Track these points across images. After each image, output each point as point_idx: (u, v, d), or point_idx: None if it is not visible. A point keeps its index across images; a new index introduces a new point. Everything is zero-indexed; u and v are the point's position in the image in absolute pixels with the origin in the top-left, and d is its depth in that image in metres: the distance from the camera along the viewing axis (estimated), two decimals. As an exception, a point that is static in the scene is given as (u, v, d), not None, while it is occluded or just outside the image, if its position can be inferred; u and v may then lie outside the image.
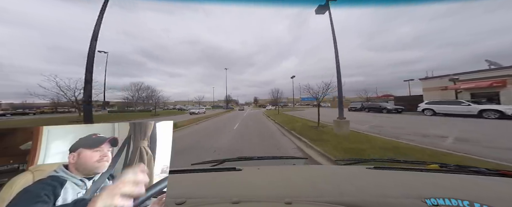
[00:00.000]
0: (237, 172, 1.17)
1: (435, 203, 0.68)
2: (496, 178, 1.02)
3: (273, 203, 0.74)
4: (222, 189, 0.95)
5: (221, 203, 0.75)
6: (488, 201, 0.66)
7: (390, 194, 0.82)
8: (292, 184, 0.99)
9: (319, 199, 0.77)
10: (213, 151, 5.63)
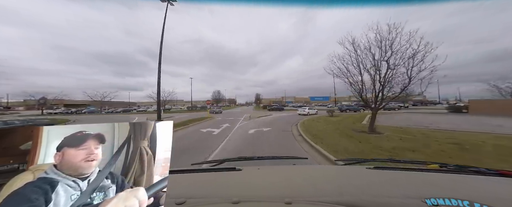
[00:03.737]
0: (237, 172, 1.17)
1: (435, 203, 0.68)
2: (496, 178, 1.02)
3: (273, 203, 0.74)
4: (222, 189, 0.95)
5: (221, 203, 0.75)
6: (488, 201, 0.66)
7: (390, 194, 0.82)
8: (292, 184, 0.99)
9: (319, 199, 0.77)
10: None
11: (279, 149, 6.48)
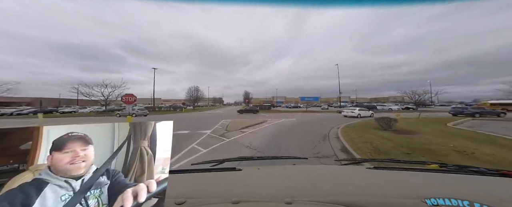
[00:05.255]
0: (237, 172, 1.17)
1: (435, 203, 0.69)
2: (496, 178, 1.02)
3: (273, 203, 0.74)
4: (222, 189, 0.95)
5: (221, 203, 0.75)
6: (488, 201, 0.66)
7: (390, 194, 0.82)
8: (292, 184, 0.99)
9: (319, 199, 0.77)
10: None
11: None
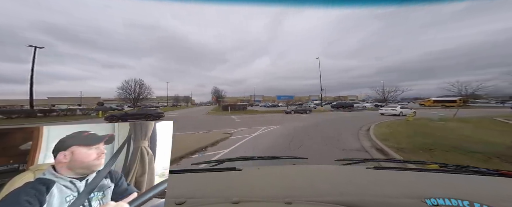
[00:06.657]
0: (237, 172, 1.17)
1: (435, 203, 0.69)
2: (496, 178, 1.02)
3: (273, 203, 0.74)
4: (222, 189, 0.95)
5: (221, 203, 0.75)
6: (488, 201, 0.66)
7: (390, 194, 0.82)
8: (292, 184, 0.99)
9: (319, 199, 0.77)
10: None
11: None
